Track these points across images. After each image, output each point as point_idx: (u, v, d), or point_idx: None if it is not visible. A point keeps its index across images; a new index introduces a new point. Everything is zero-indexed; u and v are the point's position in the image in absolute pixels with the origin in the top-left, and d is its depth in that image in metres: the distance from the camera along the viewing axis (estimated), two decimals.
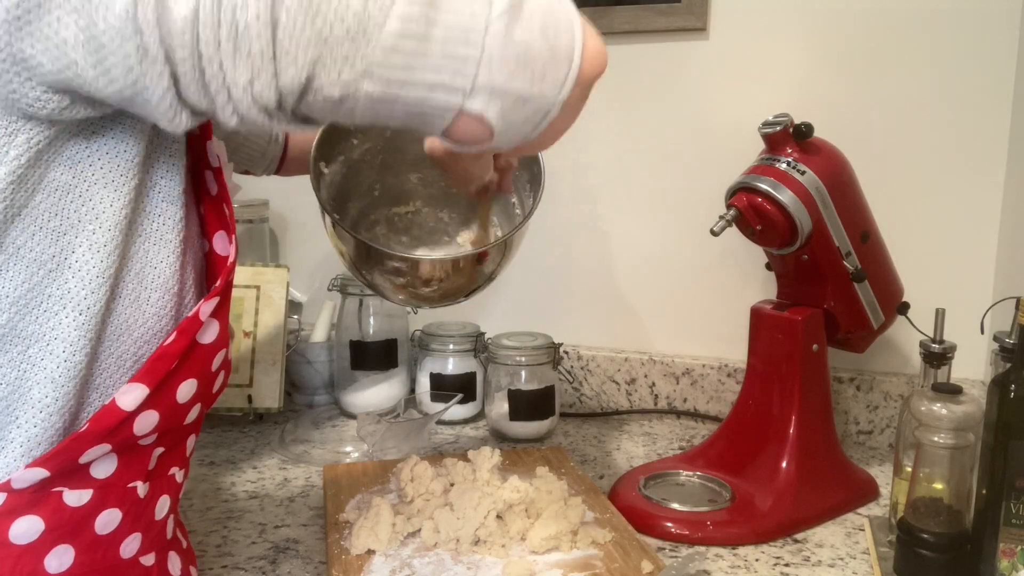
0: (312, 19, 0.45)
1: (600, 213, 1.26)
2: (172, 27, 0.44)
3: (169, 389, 0.59)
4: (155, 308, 0.58)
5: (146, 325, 0.58)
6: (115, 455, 0.57)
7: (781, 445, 0.93)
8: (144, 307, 0.57)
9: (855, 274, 0.93)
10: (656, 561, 0.76)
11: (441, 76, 0.49)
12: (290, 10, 0.45)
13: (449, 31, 0.48)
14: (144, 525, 0.60)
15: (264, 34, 0.45)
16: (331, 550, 0.80)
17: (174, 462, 0.64)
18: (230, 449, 1.11)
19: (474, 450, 0.93)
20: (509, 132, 0.54)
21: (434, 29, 0.48)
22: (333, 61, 0.47)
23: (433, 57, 0.48)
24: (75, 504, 0.56)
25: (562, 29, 0.53)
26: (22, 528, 0.53)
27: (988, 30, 1.05)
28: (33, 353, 0.53)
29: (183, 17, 0.44)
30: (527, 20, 0.51)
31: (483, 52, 0.49)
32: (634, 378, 1.26)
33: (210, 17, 0.44)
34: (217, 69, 0.45)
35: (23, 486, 0.53)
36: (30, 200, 0.51)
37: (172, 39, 0.44)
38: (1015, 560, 0.69)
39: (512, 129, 0.54)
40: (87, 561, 0.56)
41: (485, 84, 0.50)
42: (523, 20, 0.50)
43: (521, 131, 0.55)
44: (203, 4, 0.43)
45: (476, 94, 0.50)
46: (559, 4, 0.53)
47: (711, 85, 1.18)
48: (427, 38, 0.48)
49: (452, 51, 0.49)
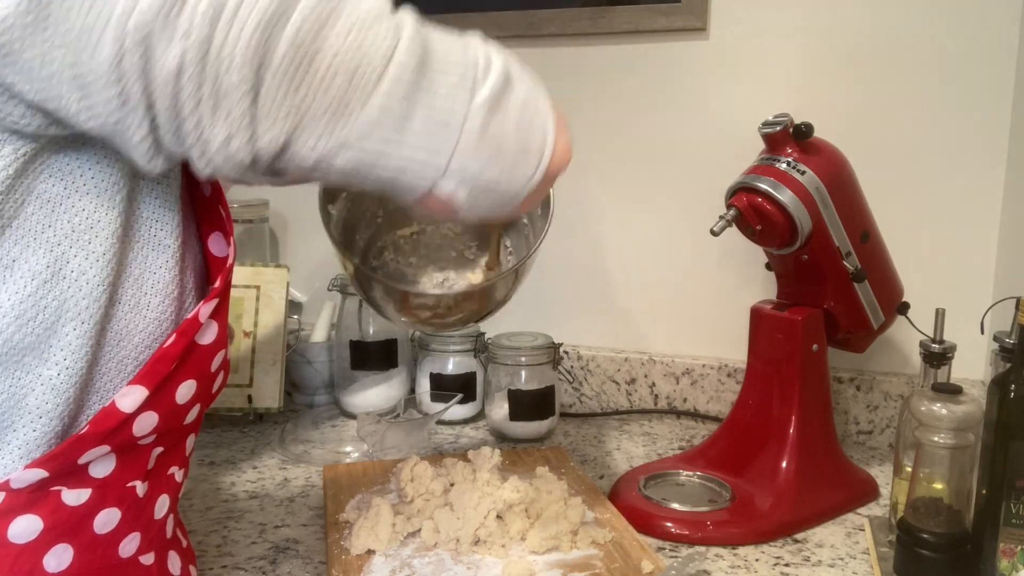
0: (296, 88, 0.46)
1: (600, 213, 1.26)
2: (156, 79, 0.44)
3: (168, 390, 0.59)
4: (155, 313, 0.58)
5: (147, 330, 0.58)
6: (114, 455, 0.57)
7: (781, 445, 0.93)
8: (144, 312, 0.57)
9: (855, 274, 0.93)
10: (656, 561, 0.76)
11: (416, 156, 0.51)
12: (275, 75, 0.46)
13: (430, 115, 0.50)
14: (143, 524, 0.60)
15: (245, 99, 0.46)
16: (331, 550, 0.80)
17: (173, 461, 0.64)
18: (230, 449, 1.11)
19: (474, 450, 0.93)
20: (475, 211, 0.57)
21: (415, 110, 0.49)
22: (312, 132, 0.48)
23: (410, 138, 0.50)
24: (74, 503, 0.56)
25: (536, 126, 0.55)
26: (21, 527, 0.54)
27: (988, 30, 1.05)
28: (31, 362, 0.53)
29: (168, 71, 0.44)
30: (504, 114, 0.53)
31: (459, 141, 0.51)
32: (634, 378, 1.26)
33: (194, 75, 0.44)
34: (194, 125, 0.46)
35: (21, 486, 0.53)
36: (20, 211, 0.51)
37: (154, 90, 0.45)
38: (1015, 560, 0.69)
39: (478, 209, 0.57)
40: (86, 560, 0.56)
41: (456, 170, 0.52)
42: (501, 113, 0.53)
43: (487, 211, 0.58)
44: (188, 60, 0.44)
45: (447, 178, 0.52)
46: (536, 99, 0.56)
47: (711, 85, 1.18)
48: (407, 118, 0.49)
49: (429, 136, 0.50)
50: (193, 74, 0.44)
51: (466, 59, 0.53)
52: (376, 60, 0.48)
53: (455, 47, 0.54)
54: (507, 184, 0.56)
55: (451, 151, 0.51)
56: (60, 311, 0.53)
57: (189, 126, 0.46)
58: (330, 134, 0.48)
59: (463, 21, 1.26)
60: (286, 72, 0.46)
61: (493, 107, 0.53)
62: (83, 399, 0.55)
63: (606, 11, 1.19)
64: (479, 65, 0.54)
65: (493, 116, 0.52)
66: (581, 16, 1.20)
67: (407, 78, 0.49)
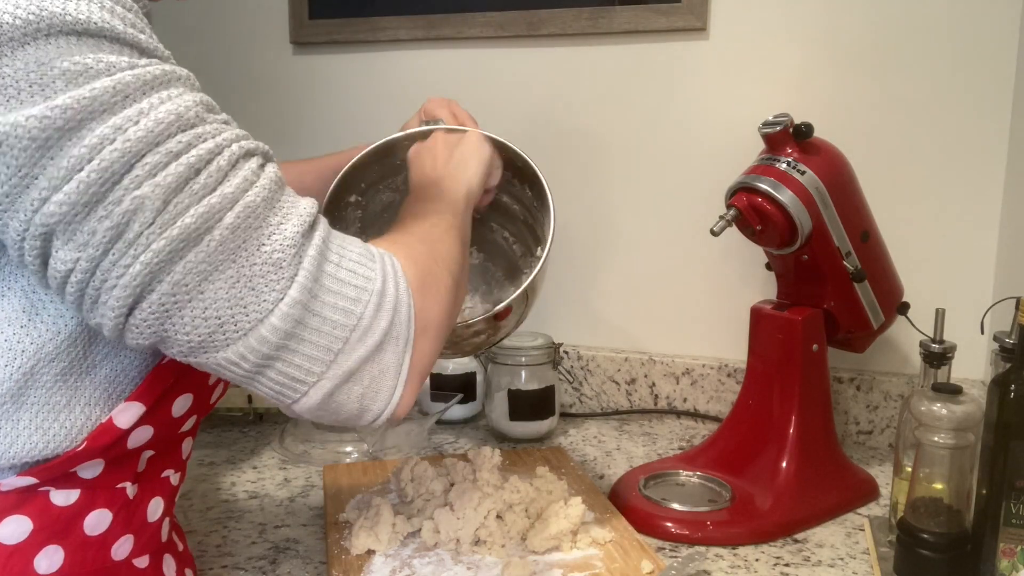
0: (168, 317, 0.51)
1: (600, 213, 1.26)
2: (49, 270, 0.50)
3: (165, 405, 0.59)
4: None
5: (142, 352, 0.58)
6: (103, 460, 0.57)
7: (781, 445, 0.93)
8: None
9: (855, 274, 0.93)
10: (656, 561, 0.76)
11: (267, 392, 0.55)
12: (150, 305, 0.50)
13: (285, 370, 0.54)
14: (136, 527, 0.60)
15: (120, 316, 0.50)
16: (331, 550, 0.80)
17: (168, 465, 0.64)
18: (230, 449, 1.11)
19: (474, 450, 0.93)
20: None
21: (274, 363, 0.54)
22: (173, 351, 0.53)
23: (263, 384, 0.55)
24: (62, 504, 0.56)
25: (383, 391, 0.58)
26: (10, 528, 0.54)
27: (988, 30, 1.05)
28: (9, 408, 0.54)
29: (59, 272, 0.49)
30: (356, 383, 0.56)
31: (303, 398, 0.55)
32: (634, 378, 1.26)
33: (82, 280, 0.49)
34: (76, 307, 0.51)
35: (9, 488, 0.54)
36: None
37: (46, 277, 0.50)
38: (1015, 560, 0.69)
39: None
40: (77, 562, 0.56)
41: (297, 412, 0.57)
42: (348, 385, 0.56)
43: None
44: (79, 268, 0.49)
45: (290, 411, 0.57)
46: (390, 375, 0.58)
47: (711, 85, 1.18)
48: (264, 367, 0.53)
49: (281, 385, 0.55)
50: (81, 280, 0.49)
51: (349, 318, 0.55)
52: (251, 316, 0.52)
53: (346, 295, 0.55)
54: (344, 424, 0.60)
55: (293, 401, 0.56)
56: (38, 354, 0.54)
57: (70, 303, 0.51)
58: (190, 356, 0.53)
59: (463, 21, 1.26)
60: (161, 306, 0.50)
61: (346, 378, 0.56)
62: (71, 418, 0.56)
63: (606, 11, 1.19)
64: (359, 326, 0.55)
65: (343, 386, 0.56)
66: (581, 16, 1.20)
67: (273, 340, 0.52)
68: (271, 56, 1.38)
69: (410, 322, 0.58)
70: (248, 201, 0.51)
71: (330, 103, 1.36)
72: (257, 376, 0.54)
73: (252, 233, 0.51)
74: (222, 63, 1.40)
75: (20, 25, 0.45)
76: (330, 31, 1.33)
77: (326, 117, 1.36)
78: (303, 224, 0.54)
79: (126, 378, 0.57)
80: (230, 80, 1.40)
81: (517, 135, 1.26)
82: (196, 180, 0.49)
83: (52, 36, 0.46)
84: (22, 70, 0.45)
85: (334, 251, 0.56)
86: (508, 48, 1.26)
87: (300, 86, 1.37)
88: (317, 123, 1.37)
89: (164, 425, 0.60)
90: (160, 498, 0.63)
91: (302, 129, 1.37)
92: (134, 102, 0.48)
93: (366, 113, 1.33)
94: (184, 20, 1.41)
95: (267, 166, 0.54)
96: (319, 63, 1.36)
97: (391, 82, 1.32)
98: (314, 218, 0.56)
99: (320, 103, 1.37)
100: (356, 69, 1.34)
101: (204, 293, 0.50)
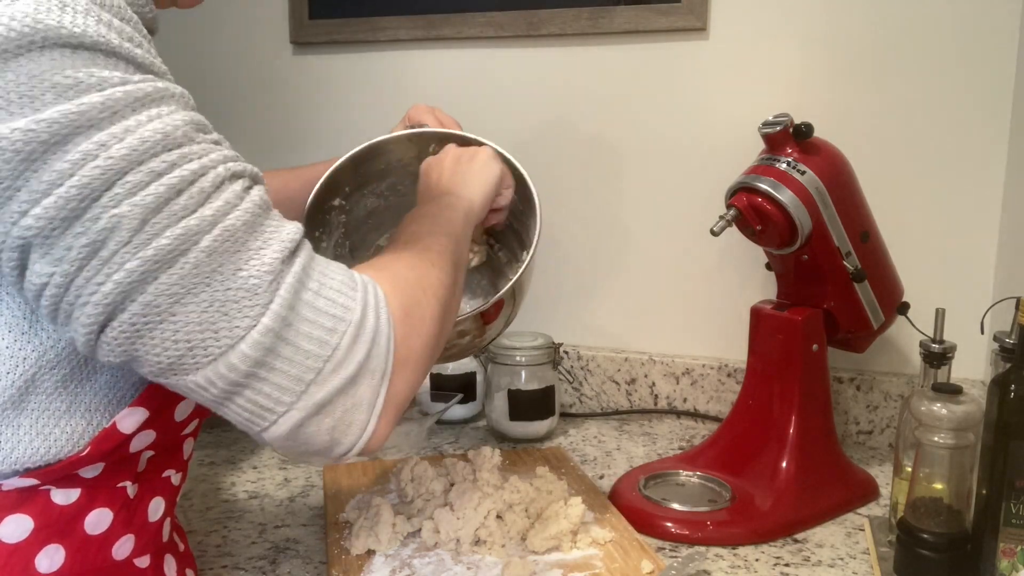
0: (138, 337, 0.50)
1: (599, 213, 1.26)
2: (25, 282, 0.49)
3: (168, 409, 0.59)
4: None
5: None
6: (103, 461, 0.58)
7: (781, 445, 0.93)
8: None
9: (855, 274, 0.93)
10: (656, 561, 0.76)
11: (236, 418, 0.55)
12: (121, 324, 0.49)
13: (254, 397, 0.53)
14: (137, 527, 0.60)
15: (92, 332, 0.50)
16: (331, 550, 0.80)
17: (170, 465, 0.64)
18: (230, 449, 1.11)
19: (474, 450, 0.93)
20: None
21: (244, 391, 0.53)
22: (146, 370, 0.52)
23: (232, 408, 0.54)
24: (63, 503, 0.56)
25: (355, 425, 0.56)
26: (11, 527, 0.54)
27: (988, 29, 1.05)
28: (10, 414, 0.54)
29: (34, 284, 0.49)
30: (327, 415, 0.55)
31: (271, 427, 0.54)
32: (634, 378, 1.26)
33: (56, 295, 0.49)
34: (50, 319, 0.51)
35: (10, 488, 0.54)
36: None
37: (22, 288, 0.50)
38: (1015, 560, 0.69)
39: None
40: (78, 561, 0.56)
41: (267, 440, 0.55)
42: (319, 416, 0.54)
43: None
44: (53, 282, 0.48)
45: (259, 439, 0.56)
46: (363, 409, 0.56)
47: (711, 85, 1.18)
48: (233, 394, 0.53)
49: (250, 412, 0.54)
50: (55, 295, 0.49)
51: (323, 348, 0.54)
52: (222, 342, 0.51)
53: (322, 325, 0.54)
54: (312, 457, 0.59)
55: (262, 429, 0.54)
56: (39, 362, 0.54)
57: (45, 316, 0.51)
58: (160, 377, 0.52)
59: (463, 21, 1.26)
60: (132, 325, 0.49)
61: (316, 410, 0.54)
62: (72, 424, 0.56)
63: (606, 11, 1.19)
64: (334, 356, 0.54)
65: (313, 418, 0.54)
66: (581, 16, 1.20)
67: (243, 368, 0.51)
68: (271, 56, 1.38)
69: (388, 355, 0.57)
70: (228, 224, 0.50)
71: (330, 103, 1.36)
72: (226, 402, 0.53)
73: (229, 257, 0.51)
74: (222, 63, 1.40)
75: (15, 37, 0.45)
76: (330, 31, 1.33)
77: (326, 117, 1.36)
78: (284, 251, 0.53)
79: (127, 383, 0.57)
80: (230, 80, 1.40)
81: (516, 135, 1.26)
82: (176, 201, 0.49)
83: (47, 49, 0.46)
84: (13, 82, 0.45)
85: (314, 278, 0.55)
86: (508, 48, 1.26)
87: (300, 86, 1.37)
88: (317, 123, 1.37)
89: (167, 429, 0.60)
90: (161, 498, 0.63)
91: (302, 129, 1.37)
92: (122, 119, 0.47)
93: (366, 113, 1.33)
94: (184, 20, 1.41)
95: (253, 189, 0.53)
96: (319, 63, 1.36)
97: (391, 82, 1.32)
98: (296, 244, 0.55)
99: (320, 103, 1.37)
100: (356, 69, 1.34)
101: (176, 316, 0.49)
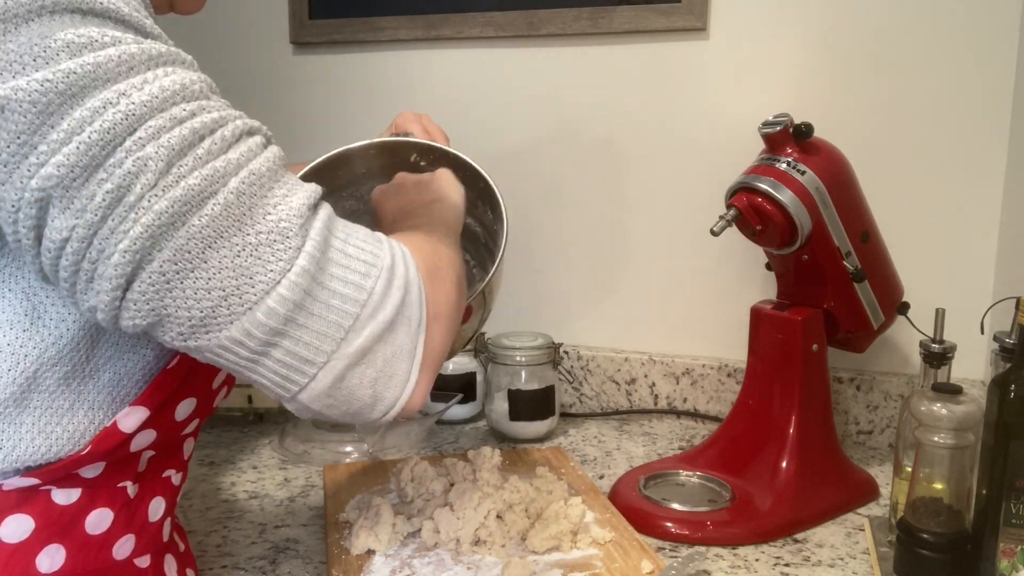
0: (168, 291, 0.48)
1: (599, 213, 1.26)
2: (45, 240, 0.47)
3: (169, 409, 0.59)
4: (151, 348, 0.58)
5: (143, 352, 0.58)
6: (104, 461, 0.58)
7: (781, 445, 0.93)
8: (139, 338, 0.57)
9: (855, 274, 0.93)
10: (656, 561, 0.76)
11: (268, 379, 0.52)
12: (151, 275, 0.47)
13: (293, 348, 0.51)
14: (137, 527, 0.60)
15: (117, 289, 0.48)
16: (331, 550, 0.80)
17: (170, 465, 0.64)
18: (230, 449, 1.11)
19: (474, 450, 0.93)
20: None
21: (281, 341, 0.50)
22: (173, 331, 0.50)
23: (266, 366, 0.51)
24: (64, 502, 0.56)
25: (398, 376, 0.55)
26: (12, 527, 0.54)
27: (988, 29, 1.05)
28: (11, 411, 0.53)
29: (54, 241, 0.47)
30: (368, 365, 0.53)
31: (311, 383, 0.52)
32: (634, 378, 1.26)
33: (78, 250, 0.47)
34: (69, 286, 0.49)
35: (11, 488, 0.54)
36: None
37: (41, 250, 0.48)
38: (1015, 560, 0.69)
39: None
40: (79, 561, 0.56)
41: (304, 401, 0.53)
42: (361, 367, 0.53)
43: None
44: (75, 236, 0.46)
45: (293, 403, 0.54)
46: (404, 357, 0.55)
47: (711, 85, 1.17)
48: (269, 345, 0.50)
49: (287, 368, 0.52)
50: (77, 251, 0.47)
51: (359, 292, 0.52)
52: (257, 287, 0.49)
53: (355, 270, 0.53)
54: (353, 418, 0.57)
55: (300, 388, 0.53)
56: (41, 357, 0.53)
57: (64, 283, 0.49)
58: (189, 339, 0.50)
59: (463, 21, 1.26)
60: (162, 275, 0.47)
61: (358, 359, 0.53)
62: (73, 422, 0.56)
63: (606, 11, 1.19)
64: (370, 301, 0.53)
65: (353, 368, 0.53)
66: (581, 16, 1.20)
67: (281, 313, 0.50)
68: (271, 56, 1.38)
69: (421, 304, 0.55)
70: (254, 168, 0.50)
71: (330, 103, 1.36)
72: (261, 359, 0.51)
73: (258, 200, 0.50)
74: (222, 63, 1.40)
75: (25, 2, 0.45)
76: (330, 31, 1.33)
77: (326, 117, 1.36)
78: (309, 199, 0.52)
79: (129, 382, 0.57)
80: (230, 80, 1.39)
81: (516, 135, 1.26)
82: (200, 145, 0.48)
83: (56, 13, 0.45)
84: (25, 43, 0.45)
85: (340, 228, 0.54)
86: (508, 48, 1.26)
87: (300, 86, 1.37)
88: (317, 123, 1.37)
89: (167, 428, 0.60)
90: (161, 498, 0.63)
91: (302, 129, 1.37)
92: (138, 73, 0.47)
93: (366, 113, 1.33)
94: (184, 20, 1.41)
95: (270, 145, 0.53)
96: (319, 63, 1.36)
97: (391, 82, 1.32)
98: (319, 196, 0.54)
99: (320, 103, 1.37)
100: (356, 69, 1.34)
101: (208, 261, 0.48)
